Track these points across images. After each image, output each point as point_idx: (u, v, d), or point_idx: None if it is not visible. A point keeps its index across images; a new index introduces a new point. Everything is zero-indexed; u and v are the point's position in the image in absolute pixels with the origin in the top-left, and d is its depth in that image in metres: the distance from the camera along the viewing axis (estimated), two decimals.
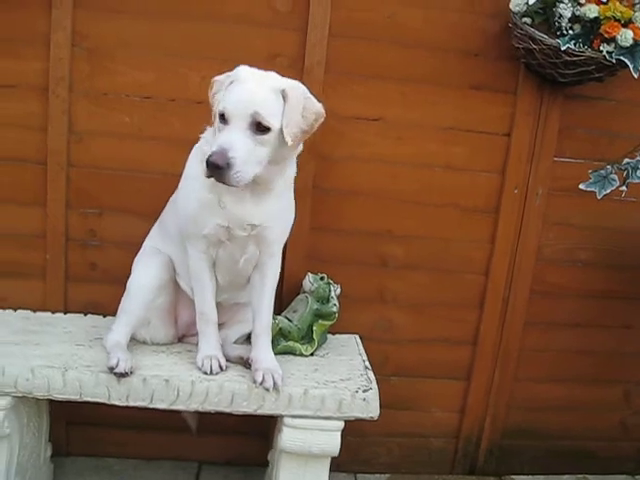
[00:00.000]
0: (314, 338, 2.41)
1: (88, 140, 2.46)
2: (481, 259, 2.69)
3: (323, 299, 2.46)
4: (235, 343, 2.35)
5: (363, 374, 2.28)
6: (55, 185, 2.46)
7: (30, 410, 2.30)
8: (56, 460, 2.59)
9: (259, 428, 2.65)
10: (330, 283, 2.48)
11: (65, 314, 2.55)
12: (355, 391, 2.15)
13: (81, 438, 2.70)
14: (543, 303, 2.75)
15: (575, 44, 2.24)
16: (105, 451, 2.72)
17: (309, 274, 2.48)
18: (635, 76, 2.23)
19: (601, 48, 2.23)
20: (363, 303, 2.66)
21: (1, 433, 2.10)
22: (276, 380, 2.08)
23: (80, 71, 2.40)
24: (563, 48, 2.23)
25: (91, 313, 2.56)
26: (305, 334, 2.42)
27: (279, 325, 2.35)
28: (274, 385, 2.07)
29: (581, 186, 2.41)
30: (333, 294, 2.47)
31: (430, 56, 2.50)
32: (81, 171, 2.47)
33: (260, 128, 1.85)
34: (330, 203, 2.58)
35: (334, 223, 2.61)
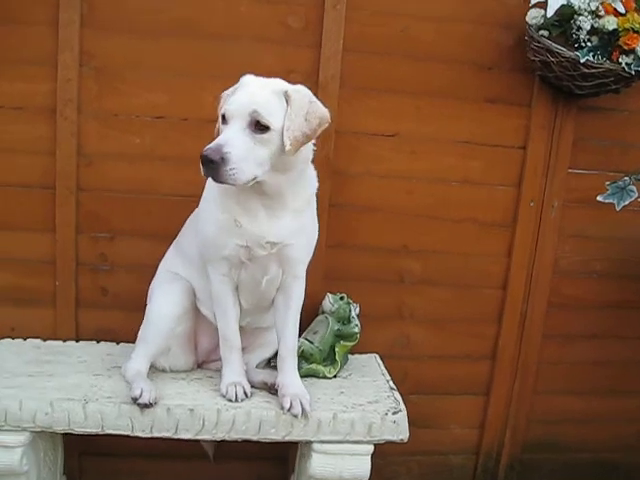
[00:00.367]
0: (337, 360, 2.36)
1: (98, 162, 2.39)
2: (498, 273, 2.67)
3: (344, 319, 2.41)
4: (257, 367, 2.30)
5: (390, 395, 2.23)
6: (64, 209, 2.39)
7: (46, 444, 2.23)
8: None
9: (278, 452, 2.59)
10: (350, 303, 2.44)
11: (77, 342, 2.48)
12: (385, 413, 2.10)
13: (95, 469, 2.62)
14: (560, 315, 2.73)
15: (594, 56, 2.23)
16: None
17: (328, 294, 2.44)
18: None
19: (620, 60, 2.22)
20: (381, 320, 2.62)
21: (19, 470, 2.01)
22: (304, 406, 2.02)
23: (89, 92, 2.34)
24: (582, 60, 2.22)
25: (103, 340, 2.49)
26: (327, 356, 2.37)
27: (301, 348, 2.30)
28: (302, 411, 2.01)
29: (599, 198, 2.39)
30: (354, 314, 2.42)
31: (444, 69, 2.48)
32: (91, 194, 2.41)
33: (259, 127, 1.81)
34: (345, 219, 2.53)
35: (350, 240, 2.56)
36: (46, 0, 2.27)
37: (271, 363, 2.35)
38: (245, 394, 2.08)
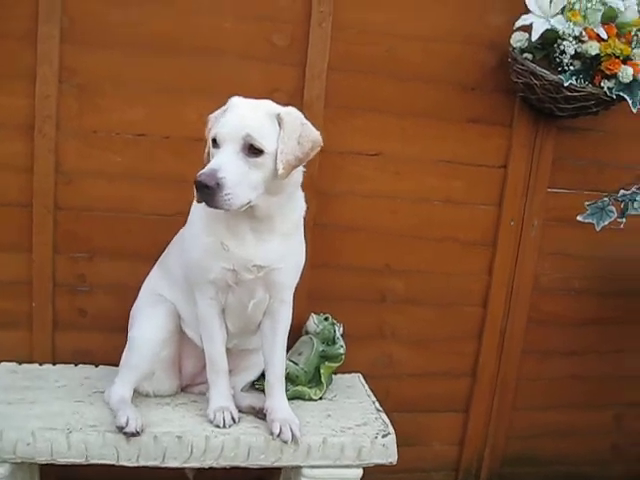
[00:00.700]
0: (322, 381, 2.34)
1: (77, 181, 2.32)
2: (479, 291, 2.69)
3: (328, 340, 2.39)
4: (242, 391, 2.26)
5: (377, 417, 2.23)
6: (41, 229, 2.31)
7: (24, 474, 2.13)
8: None
9: (258, 475, 2.54)
10: (334, 323, 2.42)
11: (54, 365, 2.40)
12: (375, 437, 2.09)
13: None
14: (539, 332, 2.77)
15: (576, 80, 2.26)
16: None
17: (313, 315, 2.42)
18: (634, 111, 2.27)
19: (602, 84, 2.26)
20: (363, 340, 2.61)
21: None
22: (294, 431, 2.00)
23: (68, 108, 2.26)
24: (566, 84, 2.25)
25: (81, 362, 2.42)
26: (312, 377, 2.35)
27: (287, 370, 2.25)
28: (292, 436, 1.99)
29: (579, 218, 2.44)
30: (338, 335, 2.41)
31: (428, 90, 2.49)
32: (69, 213, 2.34)
33: (253, 150, 1.78)
34: (329, 239, 2.52)
35: (333, 259, 2.55)
36: (25, 13, 2.18)
37: (255, 385, 2.33)
38: (233, 419, 2.05)
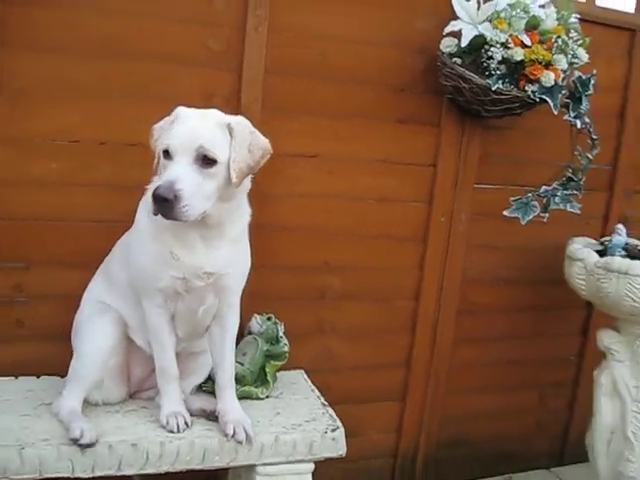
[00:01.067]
0: (268, 380, 2.39)
1: (9, 190, 2.24)
2: (412, 285, 2.81)
3: (272, 339, 2.44)
4: (190, 394, 2.27)
5: (324, 412, 2.30)
6: None
7: None
8: None
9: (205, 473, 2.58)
10: (277, 323, 2.47)
11: None
12: (324, 432, 2.17)
13: None
14: (468, 321, 2.92)
15: (503, 84, 2.39)
16: None
17: (256, 315, 2.46)
18: (555, 112, 2.42)
19: (526, 88, 2.39)
20: (304, 336, 2.66)
21: None
22: (247, 431, 2.04)
23: (0, 115, 2.19)
24: (494, 88, 2.37)
25: (20, 374, 2.34)
26: (257, 377, 2.39)
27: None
28: (246, 437, 2.03)
29: (505, 212, 2.59)
30: (282, 333, 2.46)
31: (361, 91, 2.56)
32: (4, 223, 2.25)
33: (206, 161, 1.81)
34: (268, 240, 2.54)
35: (271, 260, 2.57)
36: None
37: (203, 388, 2.34)
38: (186, 424, 2.06)
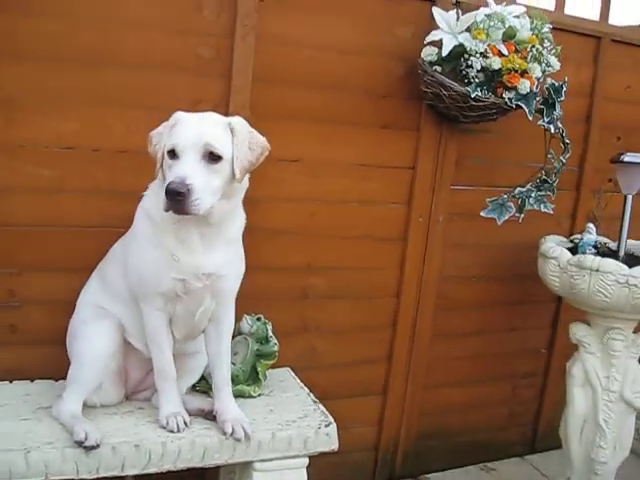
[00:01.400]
0: (260, 378, 2.46)
1: (3, 196, 2.26)
2: (392, 284, 2.91)
3: (262, 339, 2.50)
4: (185, 394, 2.33)
5: (316, 409, 2.38)
6: None
7: None
8: None
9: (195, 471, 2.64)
10: (266, 323, 2.54)
11: None
12: (318, 427, 2.25)
13: None
14: (445, 317, 3.04)
15: (481, 91, 2.49)
16: None
17: (246, 316, 2.51)
18: (530, 118, 2.54)
19: (504, 95, 2.50)
20: (289, 335, 2.72)
21: None
22: (246, 429, 2.11)
23: None
24: (473, 95, 2.48)
25: (14, 379, 2.36)
26: (249, 376, 2.46)
27: None
28: (245, 434, 2.11)
29: (482, 213, 2.71)
30: (271, 333, 2.53)
31: (343, 98, 2.65)
32: None
33: (212, 157, 1.90)
34: (254, 242, 2.58)
35: (258, 262, 2.62)
36: None
37: (196, 388, 2.41)
38: (185, 423, 2.12)
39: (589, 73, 3.11)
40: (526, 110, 2.52)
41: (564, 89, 2.61)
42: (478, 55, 2.42)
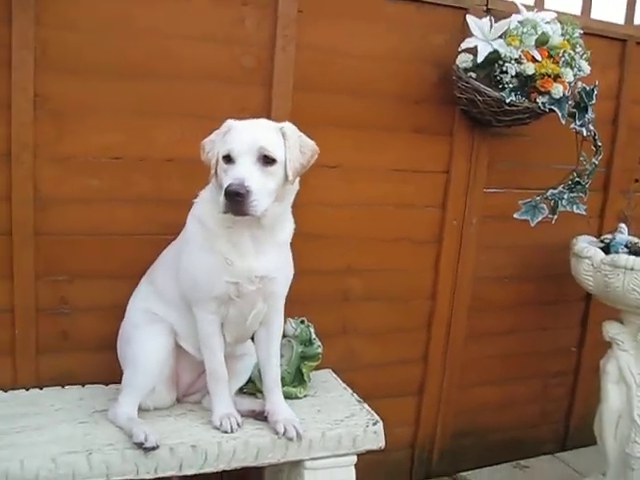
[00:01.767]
0: (305, 380, 2.52)
1: (55, 206, 2.34)
2: (428, 285, 2.98)
3: (306, 342, 2.57)
4: (234, 396, 2.39)
5: (362, 408, 2.45)
6: (22, 255, 2.31)
7: None
8: None
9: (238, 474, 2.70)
10: (309, 325, 2.60)
11: (41, 389, 2.39)
12: (366, 426, 2.32)
13: None
14: (479, 317, 3.10)
15: (515, 96, 2.56)
16: None
17: (290, 319, 2.56)
18: (563, 122, 2.61)
19: (537, 100, 2.57)
20: (330, 337, 2.76)
21: None
22: (297, 429, 2.17)
23: (44, 135, 2.27)
24: (508, 100, 2.54)
25: (66, 384, 2.43)
26: (295, 377, 2.52)
27: None
28: (296, 434, 2.17)
29: (515, 215, 2.77)
30: (314, 335, 2.59)
31: (379, 104, 2.72)
32: (49, 238, 2.35)
33: (267, 160, 1.98)
34: (296, 247, 2.66)
35: (300, 265, 2.69)
36: None
37: (244, 390, 2.47)
38: (238, 424, 2.19)
39: (615, 76, 3.17)
40: (559, 114, 2.59)
41: (595, 92, 2.67)
42: (512, 61, 2.49)
